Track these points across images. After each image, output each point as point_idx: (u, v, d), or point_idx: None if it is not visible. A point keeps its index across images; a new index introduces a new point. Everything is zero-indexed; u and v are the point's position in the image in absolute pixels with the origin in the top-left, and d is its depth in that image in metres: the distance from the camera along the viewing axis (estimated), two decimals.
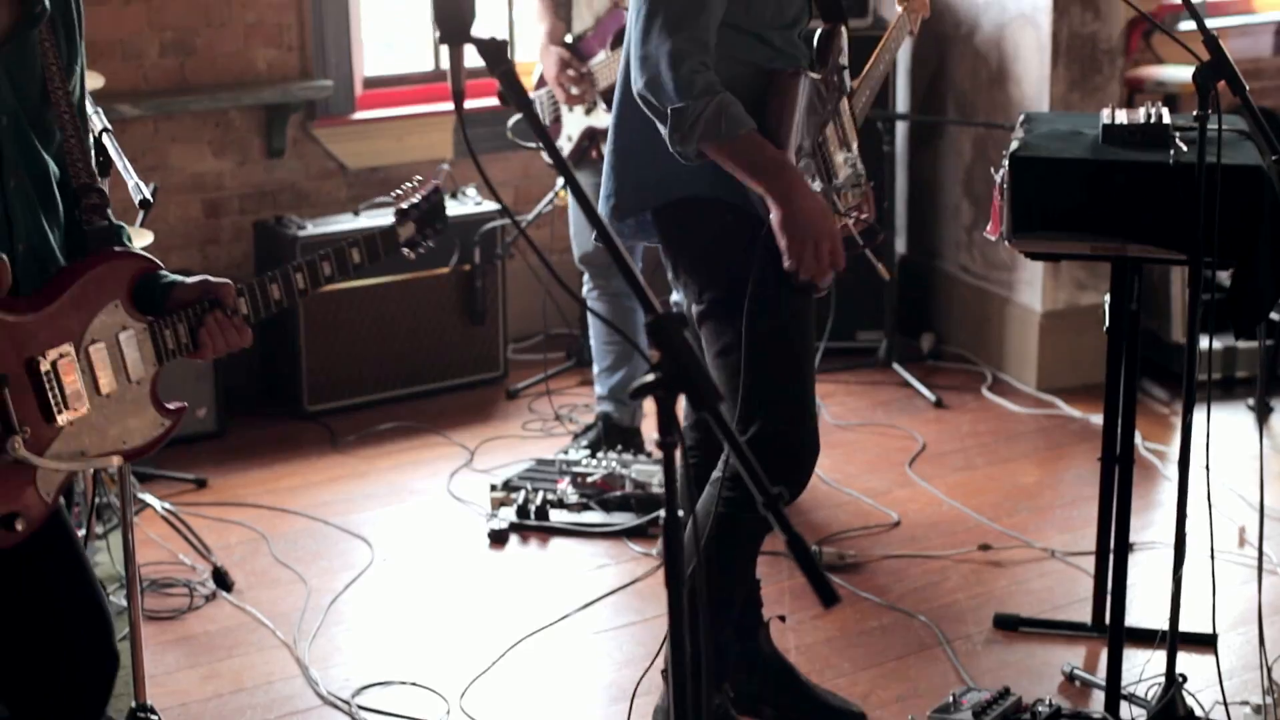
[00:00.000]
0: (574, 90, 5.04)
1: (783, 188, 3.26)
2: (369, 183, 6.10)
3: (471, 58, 2.18)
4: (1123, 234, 3.44)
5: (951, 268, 6.36)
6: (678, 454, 2.08)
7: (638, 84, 3.27)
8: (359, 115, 6.09)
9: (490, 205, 5.91)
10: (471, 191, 6.00)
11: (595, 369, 5.40)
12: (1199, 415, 3.47)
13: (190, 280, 2.73)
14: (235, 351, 2.76)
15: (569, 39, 5.10)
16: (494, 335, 6.00)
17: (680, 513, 2.04)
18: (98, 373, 2.62)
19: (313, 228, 5.65)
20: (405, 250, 2.97)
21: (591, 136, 5.06)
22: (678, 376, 1.98)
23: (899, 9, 4.02)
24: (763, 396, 3.39)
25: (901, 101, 6.31)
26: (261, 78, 5.86)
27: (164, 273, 2.76)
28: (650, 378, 1.99)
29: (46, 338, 2.56)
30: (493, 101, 6.23)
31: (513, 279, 6.09)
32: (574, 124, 5.14)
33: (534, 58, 5.23)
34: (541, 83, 5.20)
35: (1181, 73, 6.68)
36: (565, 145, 5.17)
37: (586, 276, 5.31)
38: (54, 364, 2.56)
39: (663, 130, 3.26)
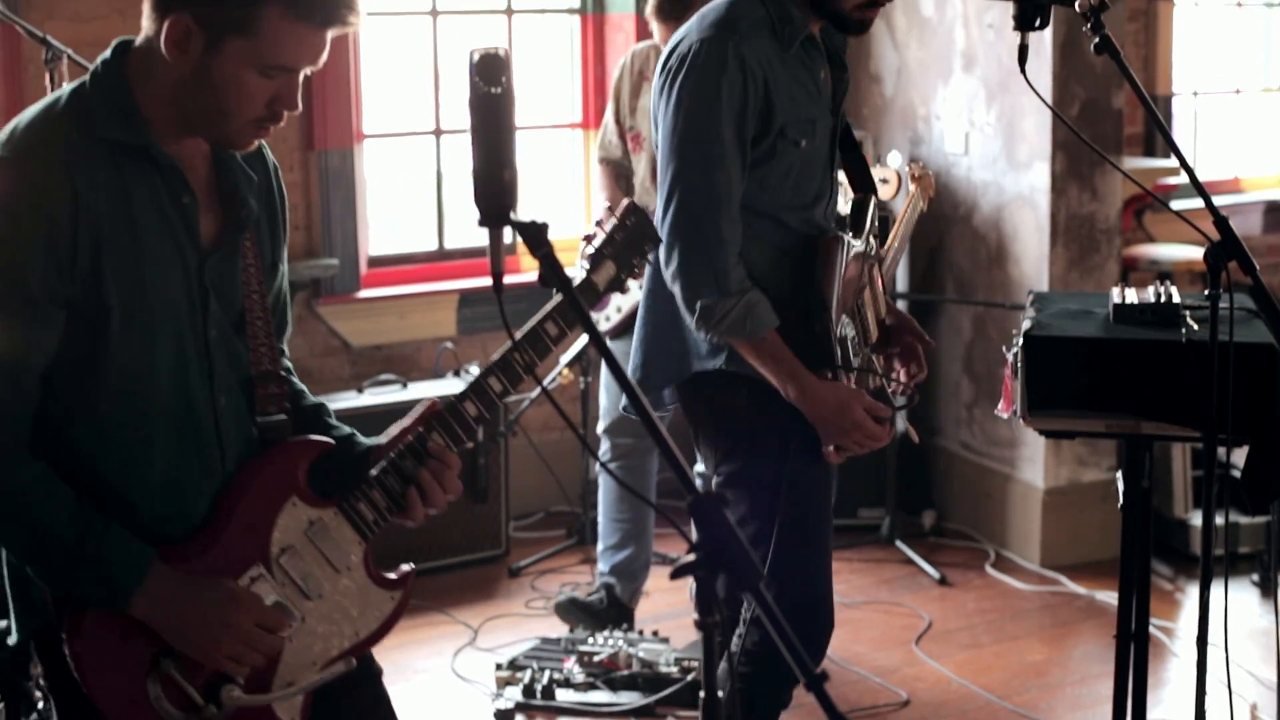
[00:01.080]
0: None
1: (799, 388, 3.36)
2: (372, 360, 6.13)
3: (477, 236, 2.22)
4: (1137, 411, 3.46)
5: (952, 445, 6.38)
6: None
7: (669, 267, 3.33)
8: (364, 294, 6.13)
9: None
10: (475, 369, 6.00)
11: (600, 545, 5.38)
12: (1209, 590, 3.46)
13: (383, 442, 2.60)
14: (455, 497, 2.61)
15: None
16: (496, 513, 5.98)
17: (720, 694, 2.04)
18: (300, 580, 2.51)
19: None
20: (618, 292, 2.74)
21: None
22: (719, 556, 1.98)
23: (912, 188, 4.10)
24: (777, 572, 3.40)
25: (901, 280, 6.37)
26: None
27: (358, 440, 2.65)
28: (691, 557, 1.99)
29: (229, 565, 2.47)
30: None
31: (515, 457, 6.09)
32: (627, 298, 5.17)
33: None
34: None
35: (1175, 251, 6.78)
36: (614, 316, 5.21)
37: (607, 447, 5.32)
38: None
39: (687, 316, 3.33)
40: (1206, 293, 3.28)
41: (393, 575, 2.62)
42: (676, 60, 3.38)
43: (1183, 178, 7.23)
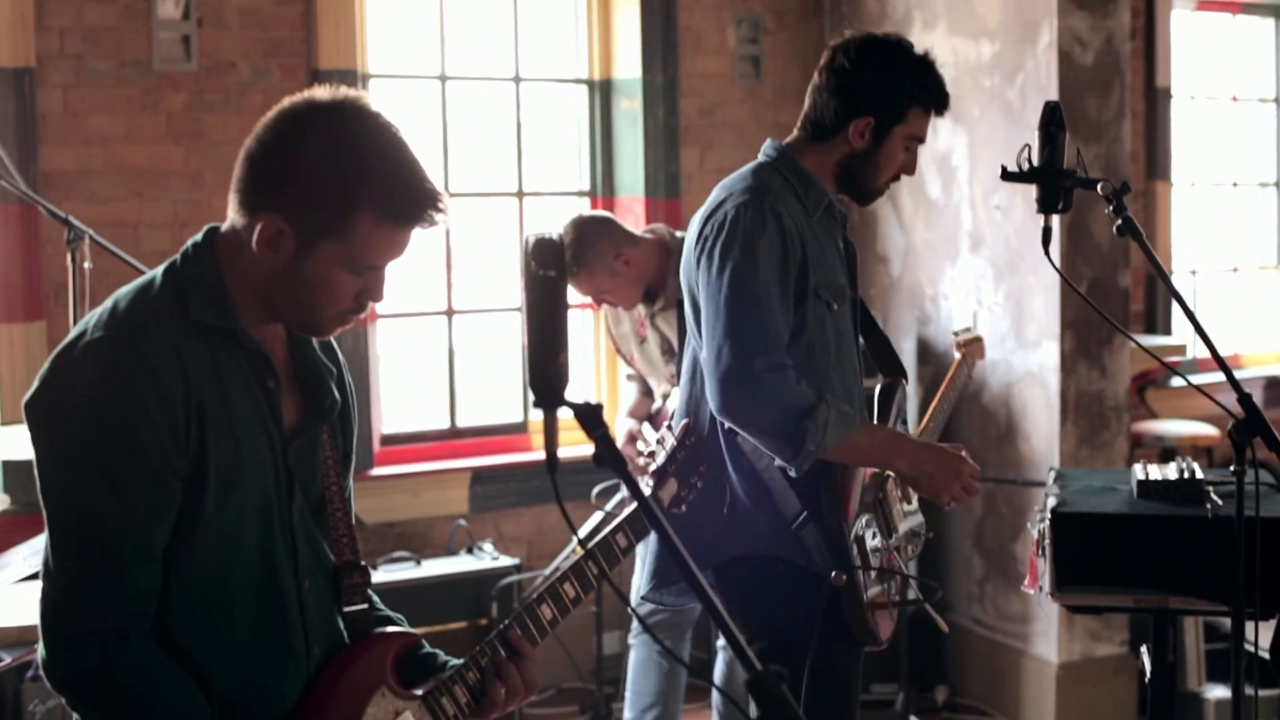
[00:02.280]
0: (640, 462, 5.15)
1: (905, 461, 3.51)
2: (385, 537, 6.14)
3: (489, 414, 2.24)
4: (1164, 587, 3.49)
5: (964, 620, 6.38)
6: None
7: (744, 426, 3.38)
8: (377, 471, 6.16)
9: (506, 560, 5.94)
10: (488, 546, 6.04)
11: (626, 715, 5.37)
12: None
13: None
14: (534, 693, 2.66)
15: (655, 408, 5.25)
16: None
17: None
18: None
19: None
20: (676, 511, 2.86)
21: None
22: None
23: (956, 355, 4.13)
24: None
25: None
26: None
27: (440, 657, 2.70)
28: None
29: None
30: (508, 459, 6.36)
31: None
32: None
33: None
34: None
35: (1178, 427, 6.84)
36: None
37: (639, 625, 5.31)
38: None
39: (780, 449, 3.37)
40: (1231, 468, 3.32)
41: None
42: (714, 227, 3.46)
43: (1186, 355, 7.35)
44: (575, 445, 2.76)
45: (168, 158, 5.73)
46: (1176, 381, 7.24)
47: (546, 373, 2.24)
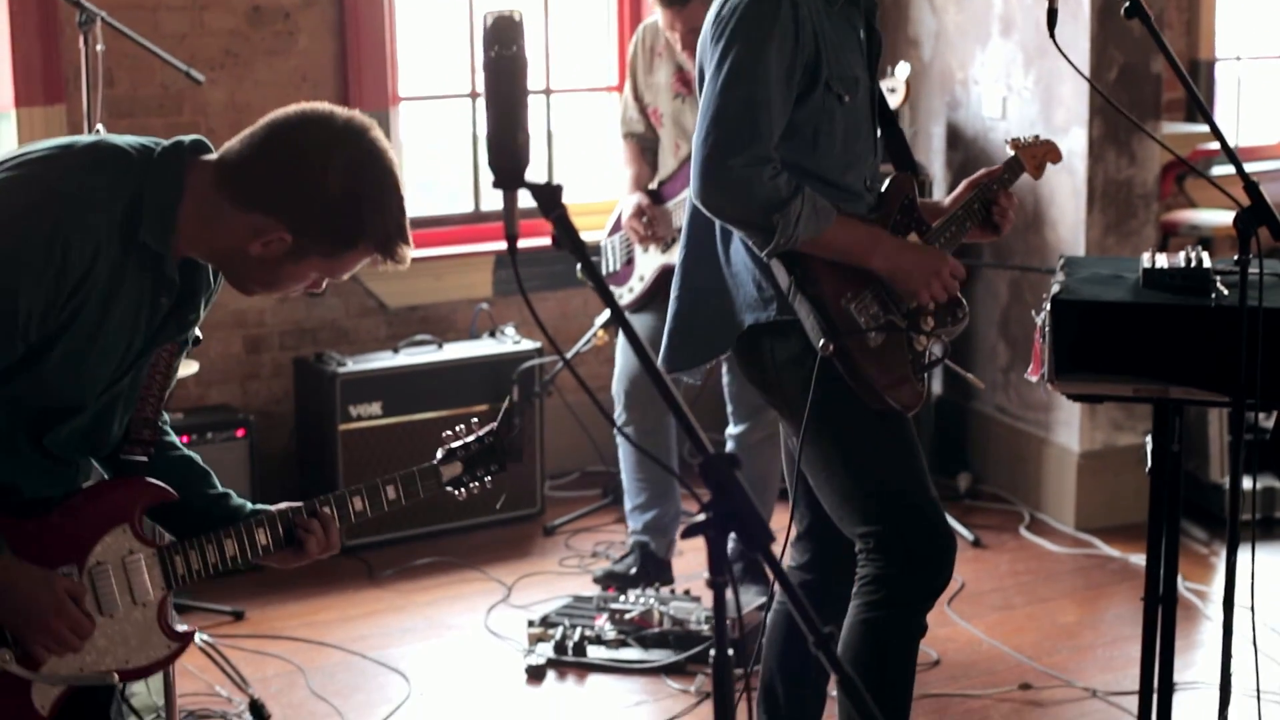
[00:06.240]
0: (644, 233, 5.12)
1: (880, 258, 3.45)
2: (408, 321, 6.16)
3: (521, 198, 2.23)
4: (1165, 376, 3.45)
5: (988, 408, 6.38)
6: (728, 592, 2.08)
7: (721, 216, 3.39)
8: None
9: (529, 344, 5.96)
10: (510, 330, 6.05)
11: (628, 505, 5.42)
12: (1242, 555, 3.46)
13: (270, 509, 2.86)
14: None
15: (654, 185, 5.20)
16: (531, 472, 6.00)
17: (730, 652, 2.05)
18: (101, 594, 2.65)
19: (352, 364, 5.70)
20: (451, 490, 3.04)
21: (667, 274, 5.03)
22: (729, 516, 1.99)
23: (1010, 151, 3.98)
24: (888, 477, 3.48)
25: None
26: None
27: (231, 501, 2.86)
28: (701, 517, 2.00)
29: (50, 556, 2.62)
30: (532, 242, 6.32)
31: (550, 416, 6.12)
32: (648, 264, 5.20)
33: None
34: (616, 228, 5.29)
35: (1215, 217, 6.73)
36: (638, 286, 5.23)
37: (621, 408, 5.33)
38: None
39: (754, 239, 3.38)
40: (1236, 258, 3.27)
41: (179, 628, 2.77)
42: (729, 9, 3.39)
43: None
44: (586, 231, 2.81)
45: None
46: (1216, 170, 7.12)
47: (506, 153, 2.23)
